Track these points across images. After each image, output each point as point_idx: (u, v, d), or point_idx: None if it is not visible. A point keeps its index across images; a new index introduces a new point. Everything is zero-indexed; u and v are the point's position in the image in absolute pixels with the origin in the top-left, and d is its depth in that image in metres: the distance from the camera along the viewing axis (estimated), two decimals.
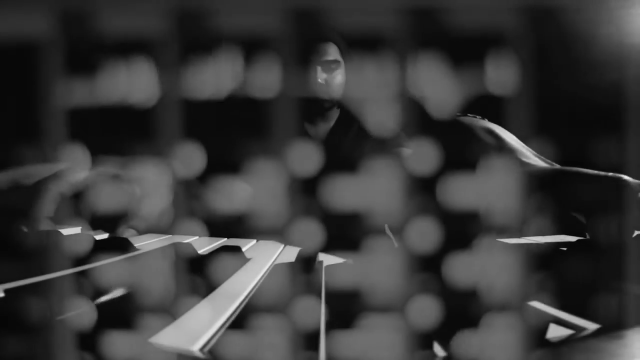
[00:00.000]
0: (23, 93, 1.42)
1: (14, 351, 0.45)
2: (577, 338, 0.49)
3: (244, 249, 0.78)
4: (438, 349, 0.46)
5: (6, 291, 0.54)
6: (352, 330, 0.48)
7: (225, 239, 0.89)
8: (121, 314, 0.50)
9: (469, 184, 0.73)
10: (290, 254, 0.74)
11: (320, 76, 1.25)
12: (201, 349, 0.43)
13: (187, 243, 0.67)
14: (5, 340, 0.45)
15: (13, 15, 0.93)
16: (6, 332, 0.46)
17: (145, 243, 0.80)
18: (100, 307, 0.52)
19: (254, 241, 0.85)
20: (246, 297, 0.56)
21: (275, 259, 0.73)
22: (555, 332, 0.50)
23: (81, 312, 0.50)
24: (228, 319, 0.50)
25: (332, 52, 1.28)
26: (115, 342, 0.45)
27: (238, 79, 1.15)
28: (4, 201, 0.82)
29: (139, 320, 0.48)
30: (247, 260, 0.71)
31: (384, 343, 0.47)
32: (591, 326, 0.51)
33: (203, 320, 0.49)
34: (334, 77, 1.28)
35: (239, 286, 0.59)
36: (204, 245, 0.82)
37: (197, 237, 0.89)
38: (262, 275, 0.63)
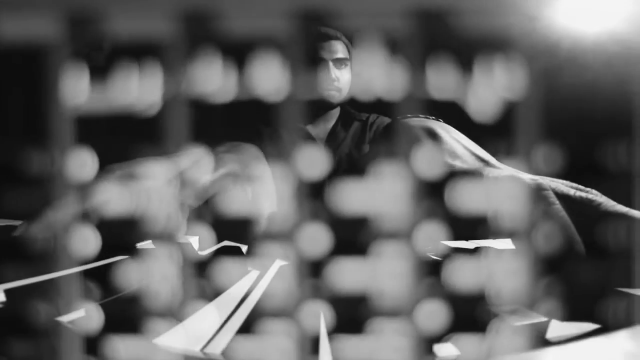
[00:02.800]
0: (31, 97, 1.43)
1: (21, 354, 0.45)
2: (577, 338, 0.49)
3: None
4: (438, 349, 0.46)
5: (8, 292, 0.54)
6: (359, 335, 0.48)
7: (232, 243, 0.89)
8: (128, 317, 0.50)
9: (479, 188, 0.72)
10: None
11: (334, 73, 1.25)
12: (203, 349, 0.43)
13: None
14: (12, 343, 0.45)
15: (21, 18, 0.93)
16: (12, 335, 0.46)
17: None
18: (106, 309, 0.52)
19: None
20: (252, 300, 0.56)
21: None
22: (555, 332, 0.50)
23: (87, 315, 0.50)
24: (230, 321, 0.50)
25: (342, 50, 1.29)
26: (121, 345, 0.45)
27: (243, 81, 1.15)
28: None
29: (145, 324, 0.48)
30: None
31: (391, 347, 0.47)
32: (591, 326, 0.51)
33: (207, 322, 0.49)
34: (343, 75, 1.29)
35: (242, 289, 0.59)
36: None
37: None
38: (267, 279, 0.63)
